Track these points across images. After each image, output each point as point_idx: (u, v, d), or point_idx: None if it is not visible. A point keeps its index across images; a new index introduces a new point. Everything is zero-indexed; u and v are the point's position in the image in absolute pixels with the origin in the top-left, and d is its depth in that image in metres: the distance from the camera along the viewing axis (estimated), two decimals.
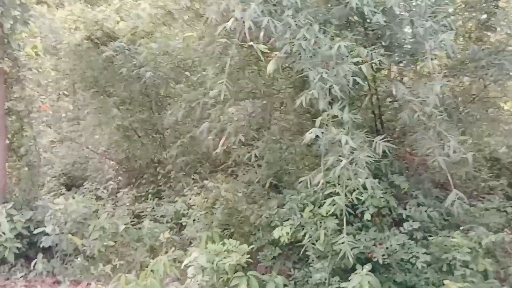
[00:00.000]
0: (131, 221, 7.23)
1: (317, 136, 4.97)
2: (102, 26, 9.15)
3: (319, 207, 5.89)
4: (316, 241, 5.59)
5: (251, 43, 5.03)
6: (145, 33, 9.28)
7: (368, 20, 6.57)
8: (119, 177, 10.29)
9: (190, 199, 6.86)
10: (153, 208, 8.05)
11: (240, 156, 7.16)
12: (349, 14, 5.97)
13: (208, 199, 6.71)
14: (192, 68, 8.94)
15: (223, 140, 6.50)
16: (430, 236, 5.80)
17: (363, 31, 6.20)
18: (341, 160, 4.98)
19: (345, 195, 5.13)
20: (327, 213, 5.66)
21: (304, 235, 5.69)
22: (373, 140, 5.31)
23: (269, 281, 5.73)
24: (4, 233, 5.88)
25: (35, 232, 6.20)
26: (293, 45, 4.98)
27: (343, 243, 5.03)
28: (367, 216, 5.51)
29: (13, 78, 6.81)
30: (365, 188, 5.21)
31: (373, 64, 5.40)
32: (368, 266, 5.11)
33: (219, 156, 7.49)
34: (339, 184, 5.13)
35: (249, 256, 5.68)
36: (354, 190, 5.30)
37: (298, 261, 6.37)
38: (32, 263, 6.02)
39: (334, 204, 5.08)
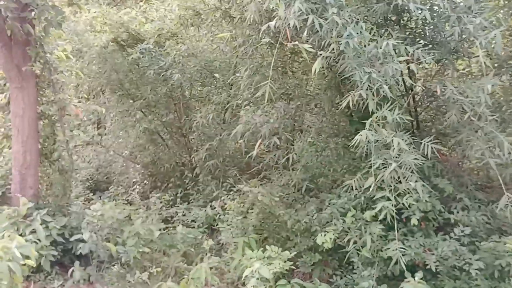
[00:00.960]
0: (165, 227, 7.08)
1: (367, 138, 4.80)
2: (128, 28, 9.04)
3: (361, 212, 5.71)
4: (362, 247, 5.39)
5: (296, 42, 4.87)
6: (171, 35, 9.17)
7: (405, 18, 6.44)
8: (145, 181, 10.16)
9: (225, 203, 6.69)
10: (183, 212, 7.87)
11: (275, 159, 7.01)
12: (388, 12, 5.81)
13: (244, 203, 6.53)
14: (220, 70, 8.79)
15: (259, 143, 6.35)
16: (477, 241, 5.58)
17: (398, 29, 6.03)
18: (389, 163, 4.83)
19: (395, 199, 4.93)
20: (371, 218, 5.49)
21: (348, 241, 5.50)
22: (417, 142, 5.14)
23: None
24: (40, 240, 5.74)
25: (72, 239, 6.05)
26: (340, 43, 4.81)
27: (395, 250, 4.83)
28: (413, 221, 5.30)
29: (45, 82, 6.69)
30: (410, 192, 5.01)
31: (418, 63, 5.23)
32: (419, 274, 4.91)
33: (251, 159, 7.34)
34: (388, 187, 4.92)
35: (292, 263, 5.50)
36: (399, 194, 5.10)
37: (339, 268, 6.19)
38: (69, 271, 5.86)
39: (384, 209, 4.85)
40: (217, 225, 6.96)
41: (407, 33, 6.08)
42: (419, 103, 6.89)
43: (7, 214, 6.04)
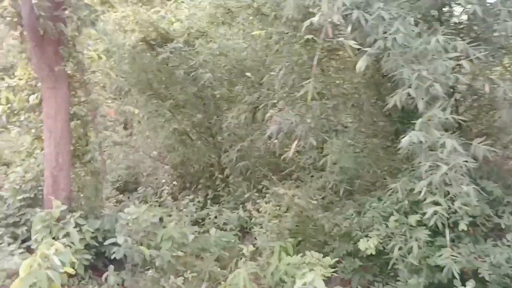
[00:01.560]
0: (198, 231, 6.91)
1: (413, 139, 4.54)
2: (157, 27, 8.91)
3: (405, 216, 5.45)
4: (408, 253, 5.13)
5: (340, 38, 4.65)
6: (200, 33, 9.00)
7: (447, 14, 6.16)
8: (174, 182, 10.03)
9: (261, 206, 6.47)
10: (215, 215, 7.68)
11: (309, 160, 6.78)
12: (432, 7, 5.56)
13: (281, 206, 6.32)
14: (251, 69, 8.58)
15: (295, 144, 6.12)
16: None
17: (439, 24, 5.75)
18: (438, 165, 4.57)
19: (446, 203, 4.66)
20: (416, 223, 5.23)
21: (392, 247, 5.25)
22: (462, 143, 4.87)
23: None
24: (73, 244, 5.62)
25: (106, 243, 5.91)
26: (386, 39, 4.57)
27: (447, 257, 4.57)
28: (462, 226, 5.00)
29: (77, 82, 6.57)
30: (460, 196, 4.74)
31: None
32: (471, 283, 4.63)
33: (283, 160, 7.12)
34: (436, 190, 4.65)
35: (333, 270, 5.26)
36: (446, 198, 4.83)
37: (379, 274, 5.94)
38: (104, 276, 5.72)
39: (435, 214, 4.59)
40: (251, 228, 6.77)
41: (451, 29, 5.81)
42: (462, 102, 6.60)
43: (40, 217, 5.94)
